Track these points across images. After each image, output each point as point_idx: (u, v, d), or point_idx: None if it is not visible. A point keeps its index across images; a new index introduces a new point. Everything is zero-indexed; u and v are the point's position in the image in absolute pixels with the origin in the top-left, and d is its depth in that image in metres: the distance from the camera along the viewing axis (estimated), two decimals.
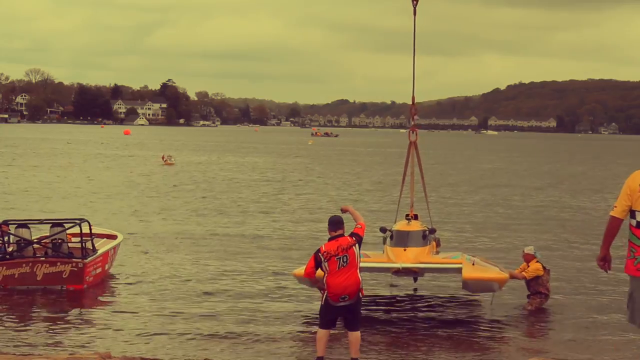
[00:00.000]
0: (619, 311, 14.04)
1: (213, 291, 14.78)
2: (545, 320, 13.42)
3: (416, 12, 13.91)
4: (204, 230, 22.54)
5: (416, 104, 15.33)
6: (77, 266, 14.70)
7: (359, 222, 10.03)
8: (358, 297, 9.80)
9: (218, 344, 11.48)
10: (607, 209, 8.10)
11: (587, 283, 16.45)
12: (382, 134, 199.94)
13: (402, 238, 13.34)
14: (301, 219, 25.61)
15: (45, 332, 12.09)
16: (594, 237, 23.16)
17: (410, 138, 14.67)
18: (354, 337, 9.90)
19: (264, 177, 45.95)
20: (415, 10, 13.91)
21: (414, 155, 14.68)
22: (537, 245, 16.48)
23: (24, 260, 14.74)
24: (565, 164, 72.61)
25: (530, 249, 14.53)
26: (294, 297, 14.37)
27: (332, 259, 9.67)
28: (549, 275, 14.31)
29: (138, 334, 12.01)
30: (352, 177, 47.23)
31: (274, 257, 17.80)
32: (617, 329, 12.83)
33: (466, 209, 30.50)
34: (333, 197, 33.56)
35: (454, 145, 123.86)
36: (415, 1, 13.77)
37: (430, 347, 11.60)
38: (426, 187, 15.01)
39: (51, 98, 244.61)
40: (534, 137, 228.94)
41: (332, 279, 9.65)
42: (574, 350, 11.68)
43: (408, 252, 13.08)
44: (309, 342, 11.20)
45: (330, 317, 9.86)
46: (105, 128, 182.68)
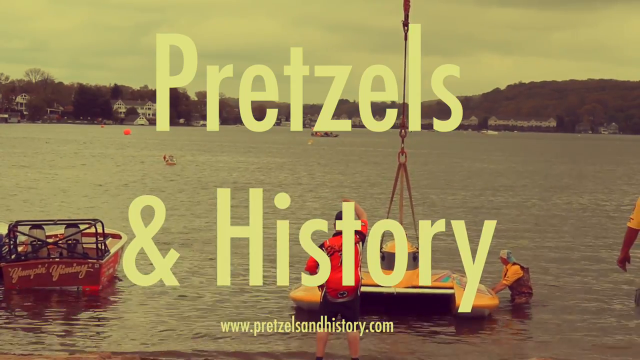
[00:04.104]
0: (619, 311, 14.09)
1: (213, 291, 14.80)
2: (545, 320, 13.43)
3: (407, 37, 12.80)
4: (207, 230, 22.57)
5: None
6: (94, 267, 14.72)
7: (362, 219, 10.03)
8: (356, 295, 9.83)
9: (218, 343, 11.50)
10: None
11: (586, 283, 16.49)
12: (382, 134, 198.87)
13: (393, 260, 12.74)
14: (301, 220, 25.57)
15: (46, 332, 12.12)
16: (594, 238, 23.23)
17: (400, 160, 14.19)
18: (352, 337, 9.92)
19: (264, 177, 45.96)
20: (406, 36, 12.92)
21: (403, 178, 14.15)
22: (534, 245, 16.49)
23: (40, 261, 14.76)
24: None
25: (504, 252, 14.53)
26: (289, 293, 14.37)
27: (335, 254, 9.70)
28: (528, 274, 14.38)
29: (138, 334, 12.03)
30: (351, 178, 47.26)
31: (274, 257, 17.79)
32: (618, 329, 12.86)
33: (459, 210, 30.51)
34: (335, 198, 33.59)
35: (453, 146, 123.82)
36: (406, 27, 13.23)
37: (427, 348, 11.62)
38: (414, 209, 14.27)
39: (51, 98, 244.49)
40: (534, 137, 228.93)
41: (332, 274, 9.66)
42: (574, 350, 11.70)
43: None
44: (308, 342, 11.22)
45: (329, 314, 9.86)
46: (105, 128, 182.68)
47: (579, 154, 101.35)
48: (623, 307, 14.31)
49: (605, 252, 20.39)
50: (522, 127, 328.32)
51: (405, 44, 12.48)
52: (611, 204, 34.38)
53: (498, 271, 14.84)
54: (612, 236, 23.08)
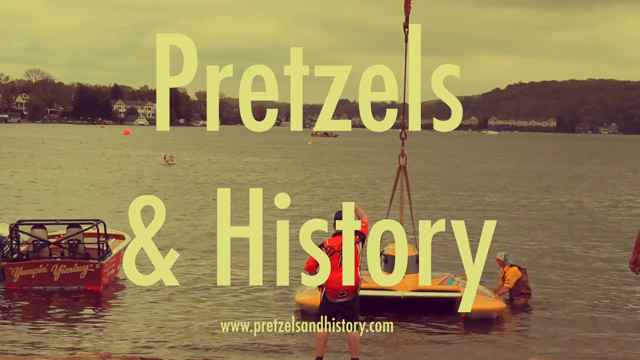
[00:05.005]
0: (620, 311, 14.09)
1: (213, 291, 14.80)
2: (544, 321, 13.43)
3: (408, 39, 12.64)
4: (207, 230, 22.57)
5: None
6: (95, 267, 14.72)
7: (363, 220, 10.03)
8: (356, 295, 9.83)
9: (218, 343, 11.50)
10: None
11: (586, 283, 16.49)
12: (382, 134, 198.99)
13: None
14: (300, 220, 25.56)
15: (46, 332, 12.12)
16: (593, 238, 23.22)
17: (400, 162, 14.15)
18: (352, 337, 9.92)
19: (265, 177, 45.96)
20: (406, 38, 12.73)
21: (402, 180, 14.10)
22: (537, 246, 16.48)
23: (41, 261, 14.76)
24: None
25: (500, 255, 14.53)
26: (294, 297, 14.37)
27: (335, 254, 9.70)
28: (526, 275, 14.40)
29: (139, 334, 12.03)
30: (351, 178, 47.25)
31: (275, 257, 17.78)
32: (618, 329, 12.86)
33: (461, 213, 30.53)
34: (334, 198, 33.58)
35: (453, 146, 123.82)
36: (406, 29, 13.18)
37: (427, 348, 11.62)
38: (413, 212, 14.22)
39: (51, 98, 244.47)
40: (534, 137, 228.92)
41: (332, 274, 9.67)
42: (574, 350, 11.70)
43: (407, 279, 12.50)
44: (308, 342, 11.21)
45: (329, 314, 9.86)
46: (105, 128, 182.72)
47: (579, 154, 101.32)
48: (623, 307, 14.31)
49: (604, 252, 20.40)
50: (522, 127, 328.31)
51: (406, 45, 12.39)
52: (611, 204, 34.37)
53: (496, 273, 14.85)
54: (611, 236, 23.08)
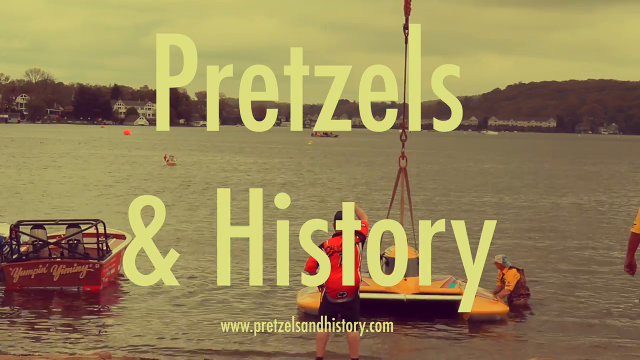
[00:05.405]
0: (619, 311, 14.09)
1: (213, 291, 14.80)
2: (544, 321, 13.43)
3: (408, 40, 12.58)
4: (207, 230, 22.56)
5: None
6: (94, 267, 14.72)
7: (363, 220, 10.03)
8: (356, 295, 9.84)
9: (218, 343, 11.50)
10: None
11: (586, 284, 16.49)
12: (382, 134, 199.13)
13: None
14: (300, 220, 25.58)
15: (46, 332, 12.12)
16: (592, 239, 23.22)
17: (400, 164, 14.09)
18: (352, 337, 9.93)
19: (265, 177, 45.96)
20: (406, 39, 12.56)
21: (402, 183, 14.06)
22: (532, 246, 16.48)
23: (41, 261, 14.77)
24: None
25: (499, 257, 14.51)
26: (294, 297, 14.37)
27: (335, 254, 9.71)
28: (524, 276, 14.41)
29: (138, 334, 12.04)
30: (351, 179, 47.26)
31: (275, 257, 17.79)
32: (617, 329, 12.86)
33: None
34: (333, 198, 33.59)
35: (453, 146, 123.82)
36: (406, 30, 13.14)
37: (426, 348, 11.62)
38: (413, 215, 14.12)
39: (51, 98, 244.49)
40: (534, 137, 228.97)
41: (332, 274, 9.67)
42: (574, 350, 11.70)
43: (409, 282, 12.57)
44: (309, 343, 11.21)
45: (329, 314, 9.87)
46: (105, 128, 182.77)
47: (579, 154, 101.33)
48: (623, 307, 14.31)
49: (604, 252, 20.39)
50: (522, 128, 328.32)
51: (406, 47, 12.36)
52: (610, 204, 34.37)
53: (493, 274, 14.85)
54: (611, 236, 23.06)
